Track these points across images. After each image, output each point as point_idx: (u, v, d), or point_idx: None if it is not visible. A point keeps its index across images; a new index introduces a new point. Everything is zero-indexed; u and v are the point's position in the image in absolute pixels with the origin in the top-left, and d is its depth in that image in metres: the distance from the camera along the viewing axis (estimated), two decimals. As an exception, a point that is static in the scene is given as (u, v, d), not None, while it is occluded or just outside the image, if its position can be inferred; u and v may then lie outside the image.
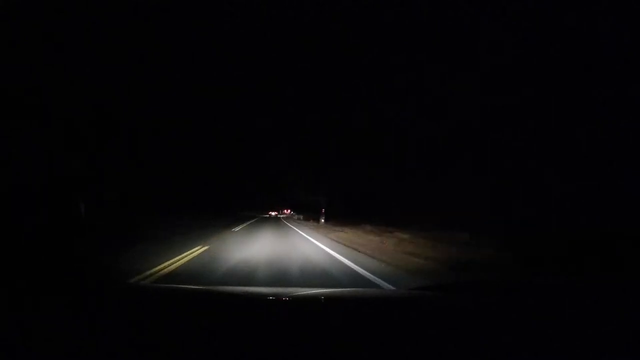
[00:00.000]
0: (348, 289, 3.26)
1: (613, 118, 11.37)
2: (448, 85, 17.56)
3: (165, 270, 4.61)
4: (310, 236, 11.65)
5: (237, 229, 15.07)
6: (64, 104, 14.43)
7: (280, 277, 4.32)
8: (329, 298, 1.36)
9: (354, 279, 4.45)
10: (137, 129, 21.39)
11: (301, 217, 27.49)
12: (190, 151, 31.64)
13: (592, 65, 12.24)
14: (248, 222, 22.22)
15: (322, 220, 21.37)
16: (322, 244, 8.77)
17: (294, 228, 16.83)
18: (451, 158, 16.21)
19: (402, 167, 20.96)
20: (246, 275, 4.34)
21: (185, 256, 5.88)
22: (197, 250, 6.68)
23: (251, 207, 49.50)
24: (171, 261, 5.20)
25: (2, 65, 11.23)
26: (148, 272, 4.32)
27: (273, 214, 58.38)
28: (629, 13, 11.58)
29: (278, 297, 1.37)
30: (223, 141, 40.50)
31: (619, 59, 11.70)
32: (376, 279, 4.32)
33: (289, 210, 56.05)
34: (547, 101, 13.25)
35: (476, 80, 15.93)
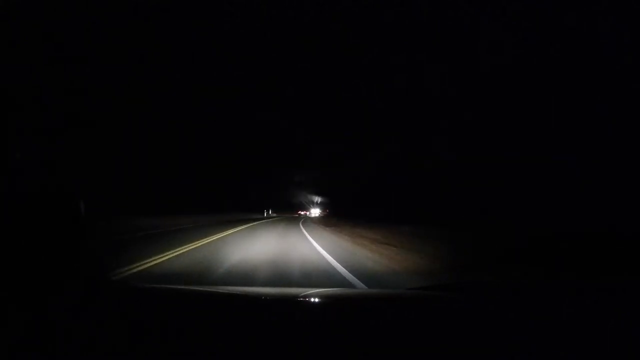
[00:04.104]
0: (347, 289, 3.26)
1: (613, 118, 11.38)
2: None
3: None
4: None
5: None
6: (65, 103, 14.44)
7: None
8: (327, 298, 1.36)
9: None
10: (137, 129, 21.40)
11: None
12: (191, 151, 31.70)
13: (592, 65, 12.25)
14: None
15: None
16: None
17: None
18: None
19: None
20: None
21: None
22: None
23: (252, 209, 46.03)
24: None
25: (2, 65, 11.24)
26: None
27: (302, 213, 57.61)
28: (629, 13, 11.59)
29: (277, 297, 1.36)
30: (223, 140, 40.60)
31: (619, 59, 11.71)
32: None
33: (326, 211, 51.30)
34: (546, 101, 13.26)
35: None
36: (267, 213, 49.71)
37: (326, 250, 6.57)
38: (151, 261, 5.05)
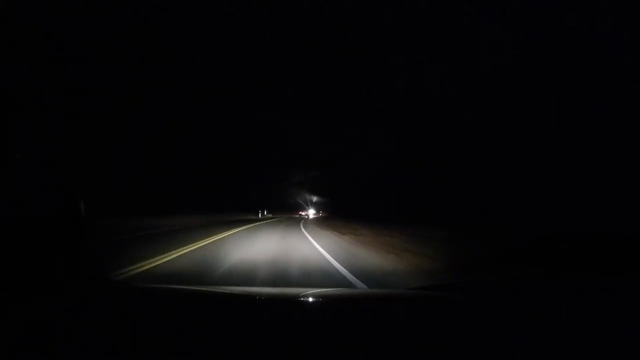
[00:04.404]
0: (347, 289, 3.26)
1: (613, 118, 11.38)
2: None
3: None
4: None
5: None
6: (65, 103, 14.44)
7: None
8: (327, 298, 1.36)
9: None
10: (137, 129, 21.40)
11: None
12: (191, 151, 31.69)
13: (592, 65, 12.25)
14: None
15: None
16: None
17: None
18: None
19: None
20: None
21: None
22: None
23: (250, 209, 41.42)
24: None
25: (2, 65, 11.24)
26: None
27: (303, 213, 57.08)
28: (629, 13, 11.59)
29: (277, 297, 1.36)
30: (223, 140, 40.60)
31: (619, 59, 11.70)
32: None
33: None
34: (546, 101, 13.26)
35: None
36: (262, 214, 42.65)
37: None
38: (153, 262, 5.03)
